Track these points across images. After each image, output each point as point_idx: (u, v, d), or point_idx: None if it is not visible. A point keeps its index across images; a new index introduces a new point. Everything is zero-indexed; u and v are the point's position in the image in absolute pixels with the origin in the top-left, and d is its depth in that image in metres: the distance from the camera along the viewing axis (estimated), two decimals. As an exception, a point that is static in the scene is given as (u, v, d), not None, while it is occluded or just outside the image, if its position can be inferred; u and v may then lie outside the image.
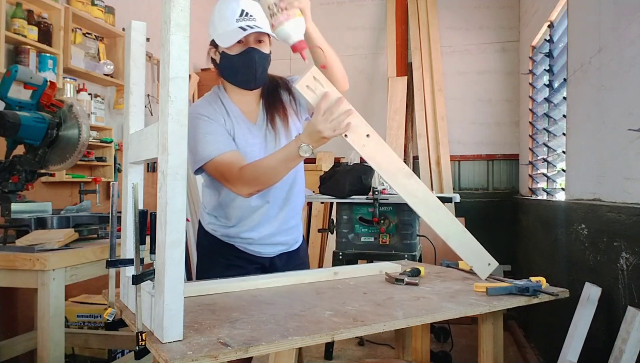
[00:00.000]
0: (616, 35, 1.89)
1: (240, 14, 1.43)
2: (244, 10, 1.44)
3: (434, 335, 3.26)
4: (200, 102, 1.58)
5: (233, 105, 1.57)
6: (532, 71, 3.65)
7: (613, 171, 1.89)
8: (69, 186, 2.93)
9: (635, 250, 1.62)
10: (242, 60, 1.47)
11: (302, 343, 0.96)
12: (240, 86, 1.54)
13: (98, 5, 3.11)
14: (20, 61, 2.55)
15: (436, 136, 4.33)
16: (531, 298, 1.30)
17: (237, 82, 1.54)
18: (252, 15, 1.44)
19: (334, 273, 1.55)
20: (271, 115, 1.59)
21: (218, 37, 1.48)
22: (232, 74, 1.53)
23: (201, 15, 4.81)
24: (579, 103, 2.38)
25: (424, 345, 1.78)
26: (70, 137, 2.00)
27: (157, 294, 0.92)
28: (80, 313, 2.62)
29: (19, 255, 1.56)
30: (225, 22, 1.45)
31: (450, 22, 4.44)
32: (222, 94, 1.58)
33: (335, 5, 4.72)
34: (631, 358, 1.53)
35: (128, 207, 1.20)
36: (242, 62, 1.48)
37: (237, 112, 1.57)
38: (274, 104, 1.60)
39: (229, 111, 1.56)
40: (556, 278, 2.48)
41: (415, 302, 1.24)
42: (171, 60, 0.89)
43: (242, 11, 1.44)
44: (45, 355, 1.55)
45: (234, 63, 1.48)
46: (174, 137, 0.89)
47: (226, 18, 1.44)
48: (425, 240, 3.06)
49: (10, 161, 1.96)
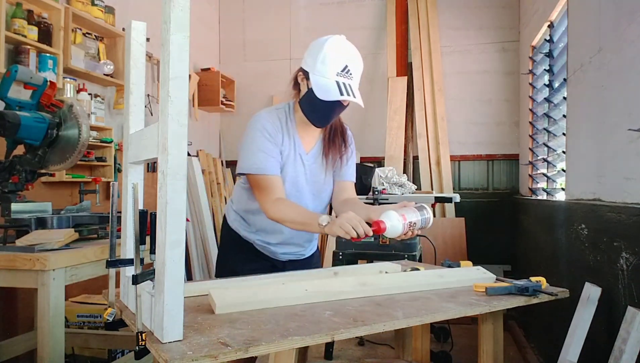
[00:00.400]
0: (616, 35, 1.89)
1: (343, 68, 1.49)
2: (347, 67, 1.50)
3: (434, 335, 3.26)
4: (268, 114, 1.64)
5: (295, 131, 1.66)
6: (532, 71, 3.65)
7: (613, 171, 1.89)
8: (69, 186, 2.93)
9: (635, 250, 1.62)
10: (326, 107, 1.54)
11: (302, 343, 0.96)
12: (312, 123, 1.62)
13: (98, 5, 3.11)
14: (20, 61, 2.55)
15: (436, 136, 4.33)
16: (531, 298, 1.30)
17: (311, 119, 1.61)
18: (351, 74, 1.51)
19: (334, 273, 1.55)
20: (328, 149, 1.70)
21: (314, 77, 1.51)
22: (310, 111, 1.59)
23: (201, 15, 4.84)
24: (579, 103, 2.38)
25: (424, 345, 1.78)
26: (70, 137, 2.00)
27: (157, 294, 0.92)
28: (80, 313, 2.62)
29: (19, 255, 1.56)
30: (325, 69, 1.49)
31: (450, 22, 4.44)
32: (290, 116, 1.66)
33: (335, 5, 4.72)
34: (631, 358, 1.53)
35: (128, 207, 1.20)
36: (324, 108, 1.55)
37: (297, 138, 1.66)
38: (333, 142, 1.71)
39: (291, 134, 1.65)
40: (556, 278, 2.48)
41: (415, 302, 1.24)
42: (171, 60, 0.89)
43: (345, 67, 1.49)
44: (45, 355, 1.55)
45: (317, 105, 1.54)
46: (174, 137, 0.89)
47: (328, 65, 1.49)
48: (425, 240, 3.06)
49: (10, 161, 1.96)
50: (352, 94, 1.49)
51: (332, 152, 1.70)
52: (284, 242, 1.72)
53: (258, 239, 1.73)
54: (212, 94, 4.46)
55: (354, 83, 1.52)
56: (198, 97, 4.42)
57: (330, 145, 1.70)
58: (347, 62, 1.50)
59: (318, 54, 1.51)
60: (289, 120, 1.65)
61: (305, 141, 1.68)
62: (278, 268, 1.76)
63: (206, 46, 4.83)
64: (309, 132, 1.69)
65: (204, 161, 4.36)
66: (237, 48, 5.00)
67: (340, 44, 1.52)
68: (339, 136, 1.73)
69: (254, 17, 4.95)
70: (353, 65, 1.51)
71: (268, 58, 4.85)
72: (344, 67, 1.49)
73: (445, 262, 1.84)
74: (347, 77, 1.50)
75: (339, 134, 1.73)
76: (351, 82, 1.51)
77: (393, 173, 3.22)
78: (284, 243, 1.72)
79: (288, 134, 1.64)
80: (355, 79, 1.53)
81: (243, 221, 1.76)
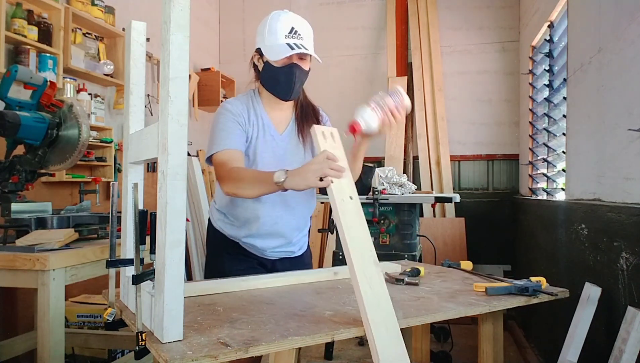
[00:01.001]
0: (616, 35, 1.89)
1: (290, 30, 1.52)
2: (294, 28, 1.53)
3: (434, 335, 3.26)
4: (232, 100, 1.66)
5: (264, 112, 1.66)
6: (532, 71, 3.65)
7: (613, 171, 1.89)
8: (69, 186, 2.93)
9: (635, 250, 1.62)
10: (284, 73, 1.56)
11: (302, 343, 0.96)
12: (277, 95, 1.62)
13: (98, 5, 3.11)
14: (20, 61, 2.55)
15: (436, 136, 4.33)
16: (531, 298, 1.30)
17: (275, 92, 1.62)
18: (300, 34, 1.54)
19: (334, 273, 1.55)
20: (302, 127, 1.68)
21: (265, 48, 1.56)
22: (272, 84, 1.61)
23: (201, 15, 4.84)
24: (579, 103, 2.38)
25: (424, 345, 1.78)
26: (70, 137, 2.00)
27: (157, 294, 0.92)
28: (80, 313, 2.62)
29: (19, 255, 1.56)
30: (274, 36, 1.53)
31: (450, 22, 4.44)
32: (255, 99, 1.67)
33: (335, 5, 4.72)
34: (631, 358, 1.53)
35: (128, 207, 1.20)
36: (283, 76, 1.56)
37: (266, 119, 1.65)
38: (306, 119, 1.69)
39: (259, 113, 1.64)
40: (556, 278, 2.48)
41: (415, 302, 1.25)
42: (171, 60, 0.89)
43: (292, 28, 1.53)
44: (45, 355, 1.55)
45: (276, 75, 1.57)
46: (174, 137, 0.89)
47: (276, 32, 1.53)
48: (425, 240, 3.06)
49: (10, 161, 1.96)
50: (304, 48, 1.51)
51: (307, 129, 1.66)
52: (270, 233, 1.64)
53: (243, 235, 1.66)
54: (212, 94, 4.46)
55: (305, 42, 1.54)
56: (198, 97, 4.42)
57: (304, 123, 1.68)
58: (292, 24, 1.54)
59: (264, 28, 1.56)
60: (254, 102, 1.66)
61: (277, 123, 1.67)
62: (267, 267, 1.71)
63: (206, 46, 4.83)
64: (280, 113, 1.68)
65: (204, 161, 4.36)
66: (237, 48, 5.00)
67: (282, 14, 1.56)
68: (310, 113, 1.71)
69: (254, 17, 4.95)
70: (301, 27, 1.55)
71: (268, 58, 4.85)
72: (291, 28, 1.53)
73: (445, 262, 1.84)
74: (296, 37, 1.53)
75: (311, 111, 1.72)
76: (302, 41, 1.53)
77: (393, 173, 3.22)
78: (269, 234, 1.64)
79: (255, 114, 1.64)
80: (306, 40, 1.55)
81: (227, 219, 1.70)
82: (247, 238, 1.66)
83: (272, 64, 1.56)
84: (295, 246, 1.74)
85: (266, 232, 1.65)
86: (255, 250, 1.68)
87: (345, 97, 4.52)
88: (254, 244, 1.66)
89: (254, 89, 1.70)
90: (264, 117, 1.65)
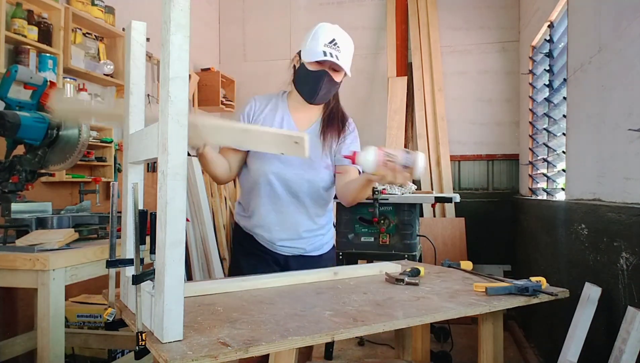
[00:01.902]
0: (616, 35, 1.88)
1: (330, 40, 1.61)
2: (334, 40, 1.61)
3: (434, 335, 3.26)
4: (259, 96, 1.79)
5: (287, 110, 1.75)
6: (532, 71, 3.65)
7: (613, 171, 1.89)
8: (69, 186, 2.93)
9: (635, 250, 1.62)
10: (314, 76, 1.64)
11: (302, 343, 0.96)
12: (302, 95, 1.70)
13: (98, 5, 3.11)
14: (20, 61, 2.55)
15: (436, 136, 4.33)
16: (531, 298, 1.30)
17: (302, 91, 1.70)
18: (339, 47, 1.61)
19: (334, 273, 1.55)
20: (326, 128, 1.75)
21: (304, 51, 1.65)
22: (301, 84, 1.70)
23: (201, 15, 4.84)
24: (579, 103, 2.37)
25: (424, 345, 1.78)
26: (70, 137, 2.00)
27: (157, 294, 0.92)
28: (80, 313, 2.62)
29: (19, 255, 1.56)
30: (315, 42, 1.62)
31: (450, 22, 4.44)
32: (281, 99, 1.78)
33: (335, 5, 4.72)
34: (631, 358, 1.53)
35: (128, 207, 1.20)
36: (313, 78, 1.65)
37: (287, 116, 1.74)
38: (331, 123, 1.76)
39: (280, 109, 1.75)
40: (556, 278, 2.48)
41: (415, 302, 1.25)
42: (171, 60, 0.89)
43: (333, 40, 1.61)
44: (45, 355, 1.55)
45: (307, 76, 1.65)
46: (174, 137, 0.89)
47: (318, 39, 1.62)
48: (425, 240, 3.06)
49: (10, 161, 1.96)
50: (337, 58, 1.59)
51: (329, 131, 1.73)
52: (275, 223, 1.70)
53: (253, 225, 1.72)
54: (212, 94, 4.46)
55: (341, 55, 1.61)
56: (198, 97, 4.42)
57: (328, 125, 1.74)
58: (334, 36, 1.61)
59: (309, 34, 1.65)
60: (279, 101, 1.76)
61: (299, 121, 1.74)
62: (280, 264, 1.74)
63: (206, 46, 4.83)
64: (304, 114, 1.75)
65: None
66: (237, 48, 5.00)
67: (330, 26, 1.65)
68: (337, 119, 1.77)
69: (254, 17, 4.95)
70: (341, 39, 1.62)
71: (268, 58, 4.85)
72: (332, 39, 1.61)
73: (445, 262, 1.84)
74: (334, 48, 1.60)
75: (338, 117, 1.78)
76: (338, 53, 1.60)
77: (393, 173, 3.21)
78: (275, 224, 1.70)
79: (276, 109, 1.74)
80: (343, 52, 1.62)
81: (242, 209, 1.79)
82: (256, 228, 1.73)
83: (307, 66, 1.64)
84: (306, 243, 1.74)
85: (272, 222, 1.70)
86: (266, 242, 1.73)
87: (345, 98, 4.50)
88: (263, 235, 1.72)
89: (285, 91, 1.79)
90: (286, 113, 1.74)
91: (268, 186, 1.68)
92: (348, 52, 1.64)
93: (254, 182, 1.69)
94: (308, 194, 1.70)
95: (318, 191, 1.72)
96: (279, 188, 1.68)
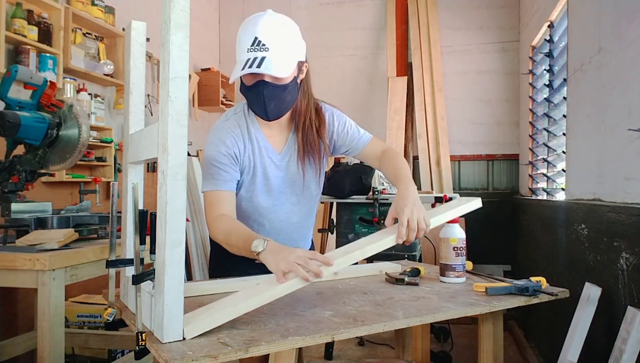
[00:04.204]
0: (616, 35, 1.89)
1: (252, 42, 1.31)
2: (257, 38, 1.31)
3: (434, 335, 3.26)
4: (226, 124, 1.48)
5: (259, 131, 1.49)
6: (532, 71, 3.65)
7: (613, 171, 1.89)
8: (69, 186, 2.93)
9: (635, 250, 1.62)
10: (253, 93, 1.38)
11: (302, 343, 0.96)
12: (258, 116, 1.45)
13: (98, 5, 3.11)
14: (20, 61, 2.55)
15: (436, 136, 4.33)
16: (531, 298, 1.30)
17: (255, 111, 1.45)
18: (265, 45, 1.31)
19: (334, 273, 1.55)
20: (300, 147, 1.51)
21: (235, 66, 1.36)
22: (250, 103, 1.44)
23: (201, 15, 4.83)
24: (579, 103, 2.37)
25: (424, 345, 1.78)
26: (70, 137, 2.00)
27: (157, 294, 0.92)
28: (80, 313, 2.62)
29: (19, 255, 1.56)
30: (240, 49, 1.34)
31: (450, 22, 4.44)
32: (249, 116, 1.49)
33: (335, 5, 4.72)
34: (631, 358, 1.53)
35: (128, 207, 1.20)
36: (253, 96, 1.39)
37: (263, 140, 1.49)
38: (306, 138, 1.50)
39: (254, 137, 1.48)
40: (556, 278, 2.48)
41: (415, 302, 1.25)
42: (171, 60, 0.89)
43: (255, 39, 1.31)
44: (45, 355, 1.55)
45: (248, 92, 1.40)
46: (174, 137, 0.89)
47: (242, 44, 1.34)
48: (425, 240, 3.06)
49: (10, 161, 1.96)
50: (259, 65, 1.28)
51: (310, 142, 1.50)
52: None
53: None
54: (212, 94, 4.46)
55: (272, 54, 1.30)
56: (198, 97, 4.42)
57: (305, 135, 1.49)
58: (255, 34, 1.31)
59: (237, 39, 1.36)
60: (249, 122, 1.48)
61: (274, 141, 1.51)
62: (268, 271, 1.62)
63: (206, 46, 4.83)
64: (276, 129, 1.51)
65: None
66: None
67: (251, 20, 1.35)
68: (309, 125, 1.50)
69: (254, 17, 4.94)
70: (266, 35, 1.31)
71: (268, 58, 4.85)
72: (254, 39, 1.30)
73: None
74: (258, 50, 1.30)
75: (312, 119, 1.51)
76: (267, 53, 1.30)
77: (393, 173, 3.21)
78: None
79: (250, 140, 1.47)
80: (273, 48, 1.31)
81: None
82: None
83: (243, 81, 1.38)
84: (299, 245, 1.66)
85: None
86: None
87: (345, 98, 4.51)
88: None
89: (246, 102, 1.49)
90: (260, 138, 1.49)
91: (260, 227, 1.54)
92: (282, 42, 1.33)
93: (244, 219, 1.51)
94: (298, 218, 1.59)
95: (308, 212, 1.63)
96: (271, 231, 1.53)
